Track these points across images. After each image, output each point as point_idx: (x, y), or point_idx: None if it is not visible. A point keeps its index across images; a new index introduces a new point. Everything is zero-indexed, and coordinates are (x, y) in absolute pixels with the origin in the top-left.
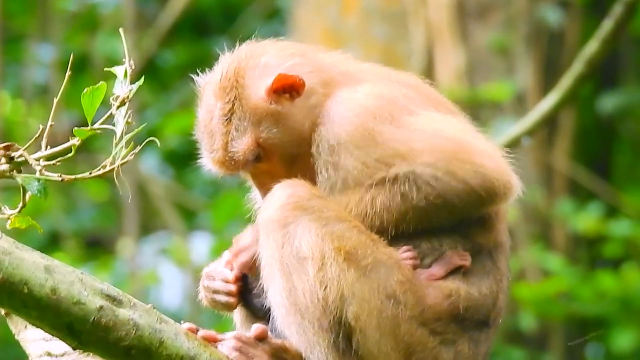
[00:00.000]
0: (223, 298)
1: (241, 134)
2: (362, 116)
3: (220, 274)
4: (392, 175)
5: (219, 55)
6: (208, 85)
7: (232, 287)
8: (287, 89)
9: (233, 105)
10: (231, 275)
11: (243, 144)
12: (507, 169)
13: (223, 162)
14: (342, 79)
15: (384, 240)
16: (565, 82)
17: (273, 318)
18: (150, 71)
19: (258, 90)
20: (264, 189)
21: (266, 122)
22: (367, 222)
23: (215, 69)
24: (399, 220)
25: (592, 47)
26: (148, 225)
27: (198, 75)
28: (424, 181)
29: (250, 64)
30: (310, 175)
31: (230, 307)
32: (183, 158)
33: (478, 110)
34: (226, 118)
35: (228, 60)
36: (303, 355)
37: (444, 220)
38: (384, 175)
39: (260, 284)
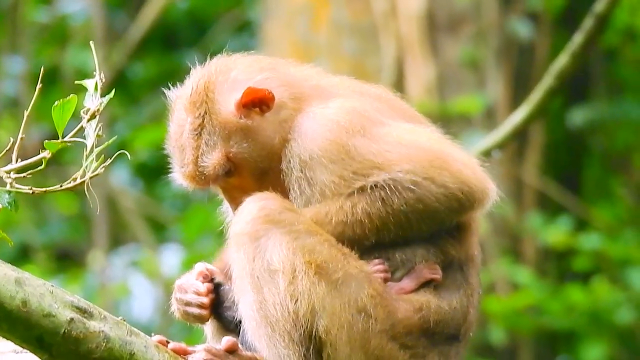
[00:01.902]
0: (195, 310)
1: (211, 149)
2: (335, 131)
3: (192, 287)
4: (371, 183)
5: (189, 68)
6: (179, 99)
7: (205, 300)
8: (257, 103)
9: (203, 119)
10: (203, 287)
11: (213, 159)
12: (484, 175)
13: (193, 176)
14: (313, 93)
15: (356, 253)
16: (536, 95)
17: (244, 331)
18: (120, 84)
19: (227, 105)
20: (235, 204)
21: (236, 137)
22: (347, 230)
23: (185, 83)
24: (379, 227)
25: (562, 60)
26: (118, 238)
27: (168, 88)
28: (404, 187)
29: (220, 78)
30: (281, 189)
31: (202, 320)
32: (153, 171)
33: (448, 124)
34: (196, 132)
35: (198, 75)
36: None
37: (424, 227)
38: (364, 184)
39: (232, 297)
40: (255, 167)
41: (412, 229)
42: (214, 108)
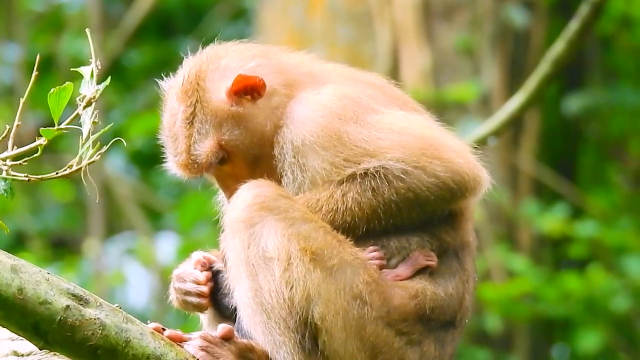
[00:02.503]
0: (195, 299)
1: (203, 137)
2: (327, 117)
3: (190, 276)
4: (362, 171)
5: (184, 56)
6: (171, 89)
7: (204, 289)
8: (249, 90)
9: (195, 108)
10: (202, 276)
11: (206, 147)
12: (476, 164)
13: (187, 165)
14: (305, 80)
15: (350, 240)
16: (532, 82)
17: (240, 318)
18: (115, 71)
19: (219, 93)
20: (229, 191)
21: (228, 124)
22: (338, 218)
23: (178, 73)
24: (370, 216)
25: (558, 47)
26: (113, 226)
27: (163, 76)
28: (395, 175)
29: (211, 67)
30: (274, 176)
31: (201, 308)
32: (148, 158)
33: (443, 111)
34: (188, 121)
35: (190, 64)
36: (269, 355)
37: (415, 215)
38: (354, 171)
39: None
40: (247, 154)
41: (403, 218)
42: (205, 96)
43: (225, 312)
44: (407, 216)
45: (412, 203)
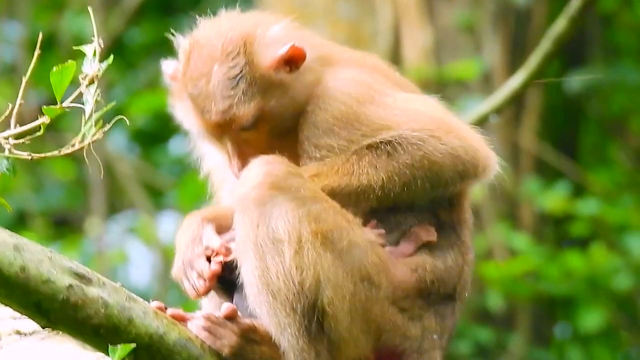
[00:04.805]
0: (193, 293)
1: (249, 99)
2: (347, 102)
3: (197, 267)
4: (378, 139)
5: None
6: (198, 47)
7: (205, 285)
8: (294, 60)
9: (242, 70)
10: (207, 270)
11: (249, 109)
12: (486, 146)
13: (219, 124)
14: (330, 60)
15: (358, 218)
16: (533, 60)
17: (244, 295)
18: (116, 49)
19: (267, 58)
20: (242, 159)
21: (272, 91)
22: (354, 181)
23: (201, 31)
24: (385, 181)
25: (560, 25)
26: (115, 204)
27: (165, 54)
28: (410, 142)
29: (260, 31)
30: (291, 152)
31: (200, 297)
32: (150, 137)
33: (445, 89)
34: (233, 82)
35: (226, 25)
36: (272, 336)
37: (428, 186)
38: (371, 142)
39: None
40: (279, 124)
41: (417, 188)
42: (253, 59)
43: (230, 289)
44: (421, 187)
45: (426, 171)
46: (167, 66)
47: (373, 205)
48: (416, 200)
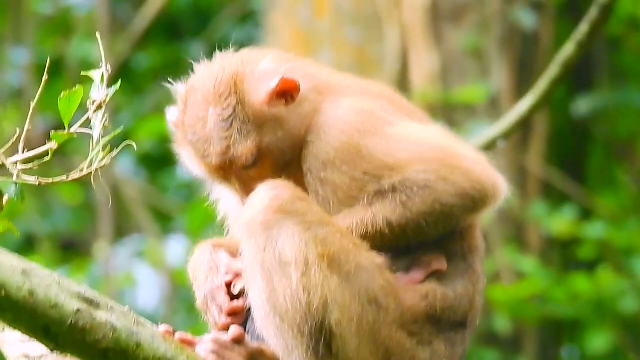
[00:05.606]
0: (213, 322)
1: (245, 138)
2: (348, 132)
3: (218, 299)
4: (387, 185)
5: (191, 59)
6: (193, 92)
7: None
8: (287, 93)
9: (234, 110)
10: (227, 305)
11: (246, 148)
12: (493, 172)
13: (221, 166)
14: (327, 90)
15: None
16: (542, 84)
17: (251, 318)
18: (123, 74)
19: (259, 94)
20: (248, 195)
21: (268, 127)
22: (364, 230)
23: (196, 76)
24: (399, 235)
25: (568, 49)
26: (123, 228)
27: (172, 78)
28: (420, 186)
29: (249, 69)
30: (298, 183)
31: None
32: (157, 161)
33: (452, 113)
34: (227, 123)
35: (217, 68)
36: (280, 359)
37: (440, 228)
38: (379, 188)
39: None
40: (279, 159)
41: (430, 232)
42: (245, 98)
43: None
44: (434, 230)
45: (438, 215)
46: (171, 114)
47: (382, 249)
48: (426, 239)
